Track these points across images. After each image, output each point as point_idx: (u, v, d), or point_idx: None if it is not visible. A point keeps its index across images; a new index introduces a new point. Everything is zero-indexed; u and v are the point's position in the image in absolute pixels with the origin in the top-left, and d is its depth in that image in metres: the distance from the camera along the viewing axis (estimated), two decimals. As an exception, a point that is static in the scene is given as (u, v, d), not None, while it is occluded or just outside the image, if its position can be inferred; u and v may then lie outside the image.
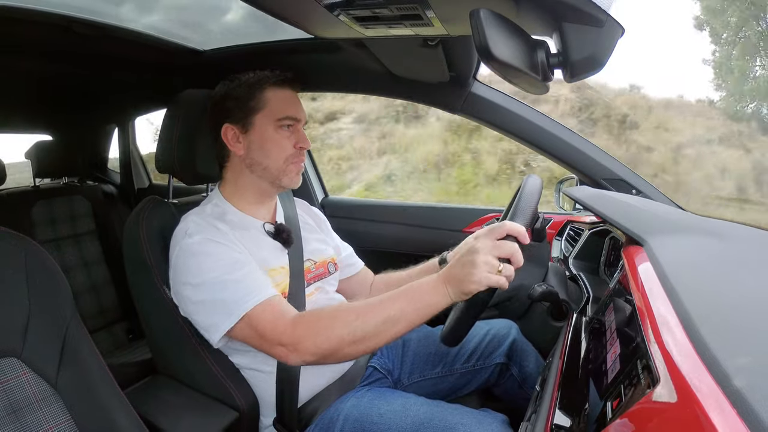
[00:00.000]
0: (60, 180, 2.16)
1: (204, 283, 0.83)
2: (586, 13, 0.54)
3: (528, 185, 0.88)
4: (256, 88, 0.94)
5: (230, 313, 0.80)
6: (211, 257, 0.84)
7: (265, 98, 0.94)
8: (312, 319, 0.79)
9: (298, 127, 0.97)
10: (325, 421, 0.90)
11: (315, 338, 0.76)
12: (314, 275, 1.05)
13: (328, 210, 1.87)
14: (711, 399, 0.36)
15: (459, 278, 0.71)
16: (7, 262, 0.69)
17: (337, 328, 0.76)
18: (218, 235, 0.87)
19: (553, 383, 0.73)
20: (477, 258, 0.69)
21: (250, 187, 0.98)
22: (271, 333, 0.79)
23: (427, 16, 0.83)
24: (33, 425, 0.65)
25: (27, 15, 1.13)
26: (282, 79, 0.96)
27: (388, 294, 0.77)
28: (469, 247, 0.72)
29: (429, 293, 0.74)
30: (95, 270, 2.06)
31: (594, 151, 1.35)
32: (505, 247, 0.71)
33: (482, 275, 0.69)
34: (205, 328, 0.85)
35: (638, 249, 0.76)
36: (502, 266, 0.70)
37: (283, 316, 0.80)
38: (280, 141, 0.94)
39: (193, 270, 0.84)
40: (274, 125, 0.94)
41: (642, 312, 0.57)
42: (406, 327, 0.74)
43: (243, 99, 0.94)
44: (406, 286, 0.78)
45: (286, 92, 0.96)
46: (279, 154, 0.94)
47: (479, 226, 1.60)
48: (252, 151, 0.95)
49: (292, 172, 0.97)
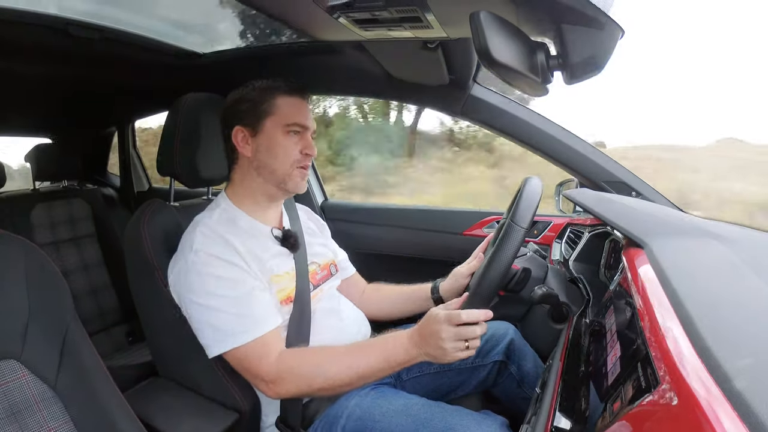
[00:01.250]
0: (60, 183, 2.16)
1: (205, 306, 0.86)
2: (586, 15, 0.55)
3: (527, 189, 0.88)
4: (268, 93, 0.97)
5: (222, 342, 0.85)
6: (215, 282, 0.86)
7: (276, 104, 0.96)
8: (294, 363, 0.85)
9: (305, 135, 0.99)
10: (329, 418, 0.91)
11: (294, 380, 0.84)
12: (321, 277, 1.09)
13: (328, 213, 1.87)
14: (712, 401, 0.36)
15: (433, 355, 0.81)
16: (7, 265, 0.69)
17: (314, 376, 0.83)
18: (225, 252, 0.88)
19: (554, 385, 0.73)
20: (444, 344, 0.79)
21: (257, 189, 1.00)
22: (255, 369, 0.85)
23: (426, 18, 0.83)
24: (33, 427, 0.65)
25: (26, 18, 1.13)
26: (293, 88, 0.99)
27: (364, 345, 0.87)
28: (433, 332, 0.80)
29: (401, 355, 0.83)
30: (95, 273, 2.06)
31: (594, 153, 1.35)
32: (466, 333, 0.79)
33: (453, 355, 0.79)
34: (199, 340, 0.89)
35: (638, 251, 0.76)
36: (469, 342, 0.80)
37: (269, 356, 0.85)
38: (288, 146, 0.96)
39: (196, 288, 0.86)
40: (282, 130, 0.96)
41: (642, 314, 0.56)
42: (376, 379, 0.85)
43: (255, 102, 0.97)
44: (381, 339, 0.87)
45: (296, 100, 0.98)
46: (285, 157, 0.96)
47: (479, 228, 1.60)
48: (260, 153, 0.97)
49: (297, 176, 0.99)
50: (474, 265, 1.10)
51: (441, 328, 0.78)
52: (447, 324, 0.79)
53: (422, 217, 1.73)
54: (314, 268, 1.07)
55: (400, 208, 1.82)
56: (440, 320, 0.79)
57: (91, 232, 2.09)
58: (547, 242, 1.49)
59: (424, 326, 0.82)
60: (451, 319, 0.79)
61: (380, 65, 1.26)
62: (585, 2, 0.52)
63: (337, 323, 1.04)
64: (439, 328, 0.79)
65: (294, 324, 0.95)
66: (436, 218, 1.71)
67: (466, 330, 0.79)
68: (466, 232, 1.62)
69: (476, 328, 0.79)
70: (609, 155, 1.37)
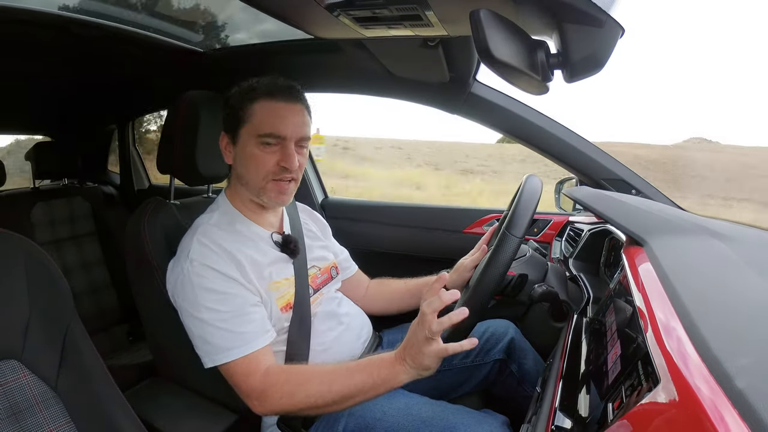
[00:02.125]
0: (60, 181, 2.16)
1: (198, 319, 0.85)
2: (586, 13, 0.54)
3: (525, 192, 0.88)
4: (246, 98, 0.90)
5: (212, 355, 0.85)
6: (208, 295, 0.85)
7: (252, 111, 0.90)
8: (280, 381, 0.83)
9: (285, 145, 0.90)
10: (331, 417, 0.91)
11: (279, 399, 0.82)
12: (321, 281, 1.07)
13: (328, 211, 1.87)
14: (712, 400, 0.36)
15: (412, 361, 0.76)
16: (7, 264, 0.68)
17: (299, 395, 0.81)
18: (220, 262, 0.86)
19: (554, 384, 0.73)
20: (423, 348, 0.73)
21: (245, 197, 0.98)
22: (243, 385, 0.84)
23: (426, 16, 0.83)
24: (33, 428, 0.65)
25: (27, 16, 1.13)
26: (275, 90, 0.90)
27: (351, 365, 0.82)
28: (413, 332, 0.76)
29: (384, 371, 0.78)
30: (95, 271, 2.06)
31: (594, 151, 1.35)
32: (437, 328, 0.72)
33: (433, 361, 0.74)
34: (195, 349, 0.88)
35: (638, 249, 0.76)
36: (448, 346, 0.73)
37: (257, 372, 0.84)
38: (261, 157, 0.90)
39: (189, 299, 0.85)
40: (255, 141, 0.89)
41: (642, 313, 0.56)
42: (362, 400, 0.80)
43: (235, 109, 0.92)
44: (367, 360, 0.81)
45: (276, 105, 0.90)
46: (257, 170, 0.91)
47: (479, 227, 1.60)
48: (237, 163, 0.94)
49: (271, 191, 0.92)
50: (478, 257, 1.09)
51: (417, 322, 0.74)
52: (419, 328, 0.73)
53: (422, 215, 1.73)
54: (314, 272, 1.06)
55: (401, 206, 1.82)
56: (413, 326, 0.76)
57: (91, 231, 2.09)
58: (547, 240, 1.49)
59: (409, 332, 0.77)
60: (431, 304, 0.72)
61: (381, 63, 1.26)
62: (586, 1, 0.52)
63: (338, 326, 1.04)
64: (416, 323, 0.75)
65: (294, 330, 0.95)
66: (437, 216, 1.71)
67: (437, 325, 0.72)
68: (467, 230, 1.62)
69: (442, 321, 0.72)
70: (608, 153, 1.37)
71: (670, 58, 11.62)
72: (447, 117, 1.88)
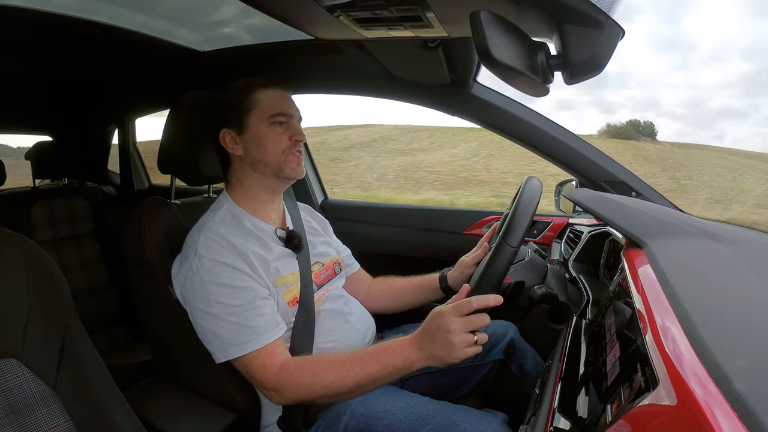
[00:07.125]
0: (60, 181, 2.16)
1: (208, 314, 0.86)
2: (587, 14, 0.54)
3: (524, 196, 0.88)
4: (246, 90, 0.98)
5: (226, 350, 0.86)
6: (218, 290, 0.86)
7: (256, 98, 0.97)
8: (296, 372, 0.84)
9: (291, 123, 0.99)
10: (333, 415, 0.91)
11: (297, 390, 0.83)
12: (325, 277, 1.08)
13: (329, 212, 1.87)
14: (711, 402, 0.36)
15: (440, 356, 0.76)
16: (7, 263, 0.68)
17: (316, 385, 0.82)
18: (229, 256, 0.88)
19: (553, 386, 0.73)
20: (453, 338, 0.74)
21: (255, 185, 1.00)
22: (259, 377, 0.85)
23: (427, 17, 0.83)
24: (32, 426, 0.65)
25: (27, 15, 1.13)
26: (271, 80, 0.99)
27: (364, 353, 0.83)
28: (441, 326, 0.76)
29: (400, 360, 0.80)
30: (94, 271, 2.06)
31: (594, 153, 1.35)
32: (476, 322, 0.75)
33: (461, 352, 0.75)
34: (205, 345, 0.89)
35: (638, 251, 0.76)
36: (477, 336, 0.75)
37: (273, 364, 0.85)
38: (275, 136, 0.97)
39: (199, 295, 0.86)
40: (267, 122, 0.96)
41: (642, 315, 0.56)
42: (377, 386, 0.83)
43: (235, 102, 0.97)
44: (380, 347, 0.83)
45: (275, 91, 0.99)
46: (275, 148, 0.97)
47: (479, 228, 1.60)
48: (250, 149, 0.97)
49: (292, 162, 0.98)
50: (479, 254, 1.10)
51: (449, 321, 0.74)
52: (456, 315, 0.75)
53: (422, 216, 1.73)
54: (318, 267, 1.07)
55: (401, 207, 1.82)
56: (447, 313, 0.76)
57: (91, 230, 2.09)
58: (547, 242, 1.49)
59: (430, 323, 0.78)
60: (461, 308, 0.75)
61: (381, 64, 1.26)
62: (586, 2, 0.52)
63: (344, 325, 1.04)
64: (448, 320, 0.75)
65: (299, 325, 0.95)
66: (437, 218, 1.71)
67: (475, 319, 0.74)
68: (467, 231, 1.62)
69: (485, 315, 0.75)
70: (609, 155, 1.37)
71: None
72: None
